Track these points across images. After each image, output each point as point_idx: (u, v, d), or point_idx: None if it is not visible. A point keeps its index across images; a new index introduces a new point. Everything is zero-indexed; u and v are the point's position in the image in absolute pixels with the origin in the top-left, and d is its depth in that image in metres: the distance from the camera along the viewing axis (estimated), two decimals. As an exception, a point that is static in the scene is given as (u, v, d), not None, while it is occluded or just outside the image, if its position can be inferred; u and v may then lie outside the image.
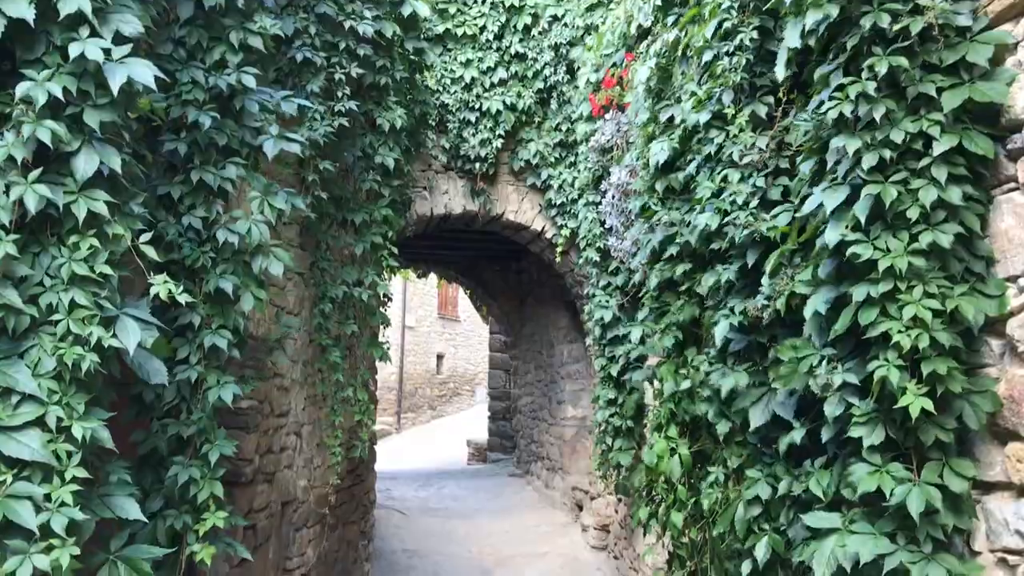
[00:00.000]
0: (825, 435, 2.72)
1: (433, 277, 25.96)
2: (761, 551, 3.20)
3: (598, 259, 7.06)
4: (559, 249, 8.18)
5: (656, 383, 4.51)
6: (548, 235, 8.49)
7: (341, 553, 6.28)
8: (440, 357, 27.47)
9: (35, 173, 2.27)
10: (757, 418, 3.25)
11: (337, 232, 5.16)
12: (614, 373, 6.73)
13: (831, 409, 2.61)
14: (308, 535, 5.49)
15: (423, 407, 26.31)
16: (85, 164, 2.33)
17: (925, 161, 2.53)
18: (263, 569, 4.66)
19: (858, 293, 2.54)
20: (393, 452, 21.33)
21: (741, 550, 3.42)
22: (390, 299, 7.87)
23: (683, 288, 4.29)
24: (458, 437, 19.96)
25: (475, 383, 28.48)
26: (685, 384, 3.97)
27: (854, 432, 2.52)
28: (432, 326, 27.17)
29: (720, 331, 3.43)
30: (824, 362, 2.67)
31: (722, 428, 3.60)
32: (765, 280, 3.18)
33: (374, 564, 7.56)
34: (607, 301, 6.88)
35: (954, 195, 2.46)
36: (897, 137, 2.57)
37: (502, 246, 11.94)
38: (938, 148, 2.49)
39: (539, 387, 11.80)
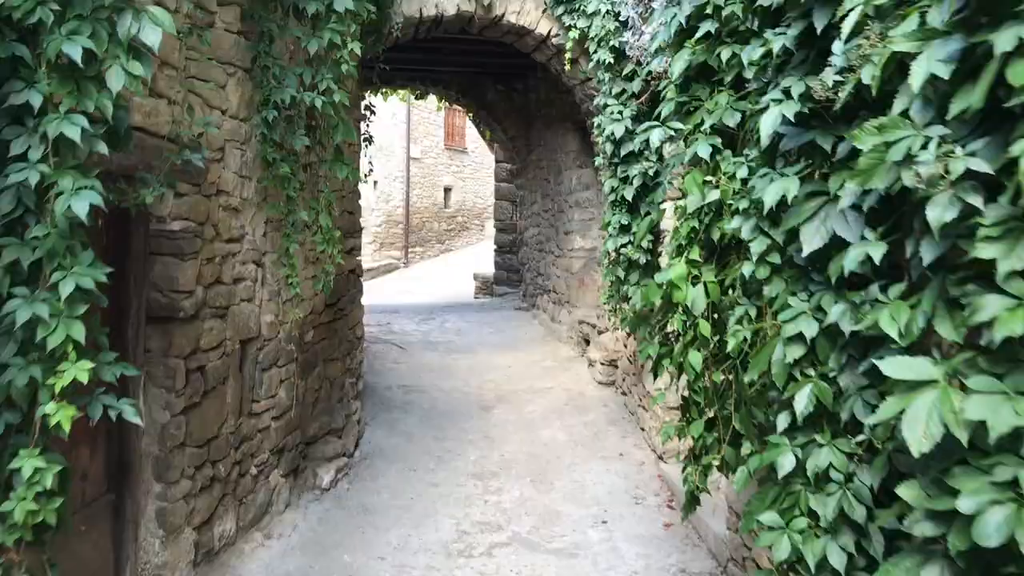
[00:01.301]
0: (926, 255, 1.91)
1: (439, 106, 24.68)
2: (802, 401, 2.50)
3: (611, 61, 6.03)
4: (567, 55, 7.10)
5: (678, 199, 3.69)
6: (555, 39, 7.37)
7: (323, 392, 5.75)
8: (447, 190, 26.61)
9: None
10: (811, 239, 2.44)
11: (284, 20, 4.16)
12: (628, 196, 5.90)
13: (938, 212, 1.79)
14: (279, 375, 4.91)
15: (431, 241, 25.78)
16: None
17: None
18: (218, 414, 4.09)
19: (1003, 40, 1.66)
20: (400, 286, 21.04)
21: (777, 399, 2.74)
22: (372, 114, 6.94)
23: (718, 78, 3.38)
24: (466, 271, 19.54)
25: (484, 217, 27.79)
26: (714, 196, 3.14)
27: (981, 250, 1.71)
28: (438, 158, 26.11)
29: (768, 122, 2.55)
30: (932, 145, 1.82)
31: (757, 248, 2.81)
32: (838, 46, 2.27)
33: (366, 401, 7.12)
34: (620, 112, 5.93)
35: None
36: None
37: (505, 60, 10.79)
38: None
39: (546, 217, 11.02)
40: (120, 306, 3.46)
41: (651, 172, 5.84)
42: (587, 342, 8.92)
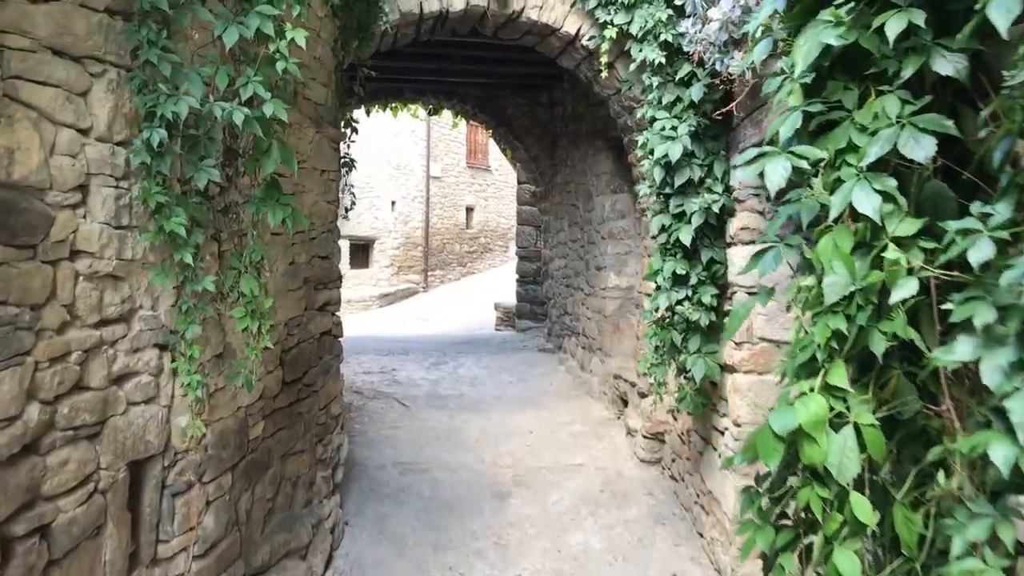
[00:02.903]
0: None
1: (461, 122, 23.44)
2: None
3: (662, 61, 4.61)
4: (602, 58, 5.70)
5: (797, 273, 2.27)
6: (586, 40, 5.97)
7: (280, 500, 4.36)
8: (470, 210, 25.29)
9: None
10: None
11: (186, -7, 2.79)
12: (685, 238, 4.46)
13: None
14: (205, 494, 3.52)
15: (452, 264, 24.46)
16: None
17: None
18: (79, 589, 2.70)
19: None
20: (417, 313, 19.72)
21: None
22: (353, 131, 5.58)
23: (877, 71, 1.97)
24: (489, 297, 18.25)
25: (508, 238, 26.44)
26: (908, 288, 1.71)
27: None
28: (460, 176, 24.83)
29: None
30: None
31: None
32: None
33: (351, 488, 5.73)
34: (674, 128, 4.50)
35: None
36: None
37: (526, 69, 9.46)
38: None
39: (574, 248, 9.59)
40: None
41: (716, 208, 4.40)
42: (624, 402, 7.45)
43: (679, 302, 4.59)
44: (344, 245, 21.10)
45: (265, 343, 3.40)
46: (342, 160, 5.19)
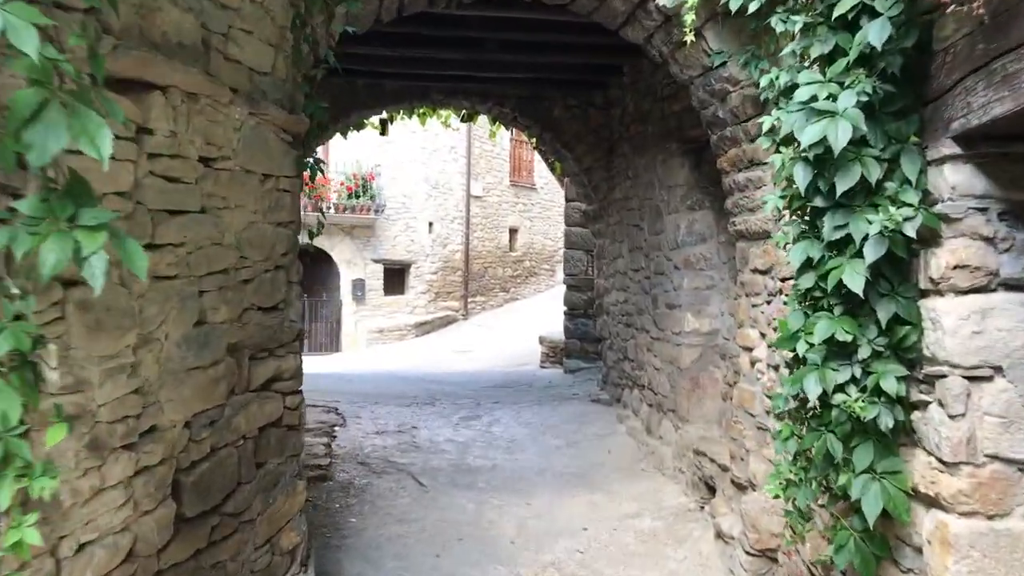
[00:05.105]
0: None
1: (503, 137, 21.82)
2: None
3: (811, -11, 2.81)
4: (687, 17, 3.94)
5: None
6: (663, -3, 4.21)
7: None
8: (513, 231, 23.59)
9: None
10: None
11: None
12: (852, 282, 2.61)
13: None
14: None
15: (494, 289, 22.76)
16: None
17: None
18: None
19: None
20: (455, 344, 18.08)
21: None
22: (319, 122, 3.89)
23: None
24: (533, 326, 16.47)
25: (555, 261, 24.66)
26: None
27: None
28: (503, 195, 23.19)
29: None
30: None
31: None
32: None
33: (329, 633, 3.99)
34: (833, 97, 2.69)
35: None
36: None
37: (578, 59, 7.76)
38: None
39: (636, 279, 7.77)
40: None
41: (910, 230, 2.57)
42: (710, 489, 5.58)
43: (840, 387, 2.75)
44: (378, 269, 19.58)
45: (29, 538, 1.67)
46: (305, 161, 3.49)
